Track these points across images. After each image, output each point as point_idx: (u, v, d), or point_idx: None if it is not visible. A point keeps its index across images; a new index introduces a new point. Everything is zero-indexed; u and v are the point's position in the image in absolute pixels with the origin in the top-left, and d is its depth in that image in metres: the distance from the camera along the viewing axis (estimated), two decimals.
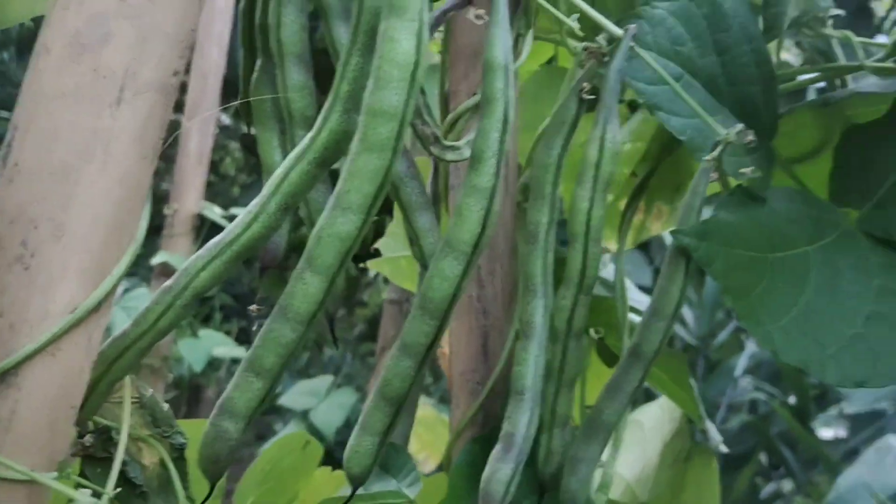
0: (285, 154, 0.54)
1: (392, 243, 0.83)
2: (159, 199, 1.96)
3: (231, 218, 1.94)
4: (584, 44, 0.52)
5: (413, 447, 2.13)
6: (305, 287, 0.41)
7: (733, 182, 0.55)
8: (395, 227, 0.85)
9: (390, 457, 0.61)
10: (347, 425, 2.31)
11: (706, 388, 2.58)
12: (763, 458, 2.73)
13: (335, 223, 0.40)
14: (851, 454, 2.68)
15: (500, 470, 0.48)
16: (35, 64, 0.38)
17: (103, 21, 0.38)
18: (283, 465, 0.74)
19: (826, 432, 2.95)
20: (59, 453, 0.39)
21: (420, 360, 0.45)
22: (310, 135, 0.44)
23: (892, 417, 2.64)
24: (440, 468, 0.75)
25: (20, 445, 0.37)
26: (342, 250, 0.40)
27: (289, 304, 0.42)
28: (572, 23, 0.49)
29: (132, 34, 0.39)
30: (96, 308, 0.39)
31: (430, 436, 2.03)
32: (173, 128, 0.42)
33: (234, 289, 3.32)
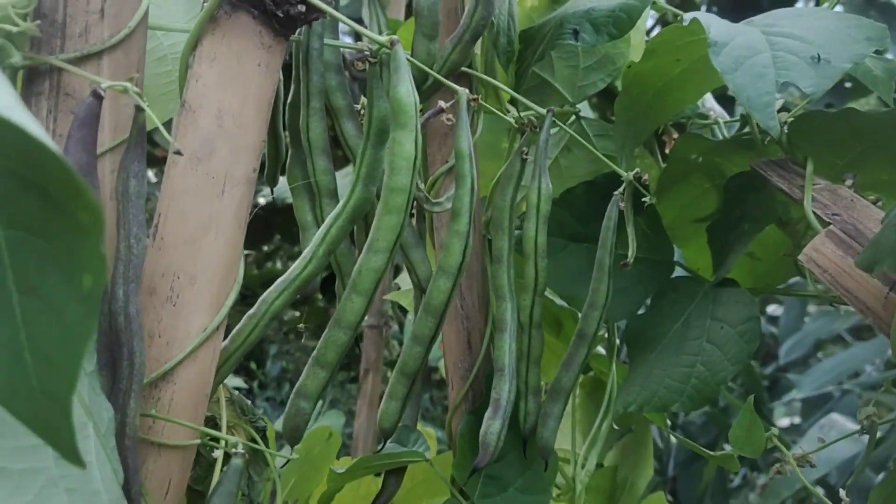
0: (315, 215, 0.75)
1: (406, 278, 1.05)
2: None
3: None
4: (519, 118, 0.74)
5: None
6: (353, 305, 0.62)
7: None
8: None
9: (403, 434, 0.82)
10: (342, 445, 2.48)
11: None
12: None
13: (370, 260, 0.61)
14: (804, 436, 2.91)
15: (493, 425, 0.69)
16: (168, 171, 0.59)
17: (210, 142, 0.59)
18: (314, 453, 0.94)
19: (784, 421, 3.18)
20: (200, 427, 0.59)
21: (426, 347, 0.66)
22: (342, 202, 0.66)
23: (839, 399, 2.86)
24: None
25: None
26: (376, 278, 0.61)
27: (341, 316, 0.63)
28: (511, 108, 0.72)
29: (228, 149, 0.59)
30: (217, 329, 0.59)
31: None
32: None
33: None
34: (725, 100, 1.71)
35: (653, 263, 0.88)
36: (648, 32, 1.58)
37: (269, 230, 3.66)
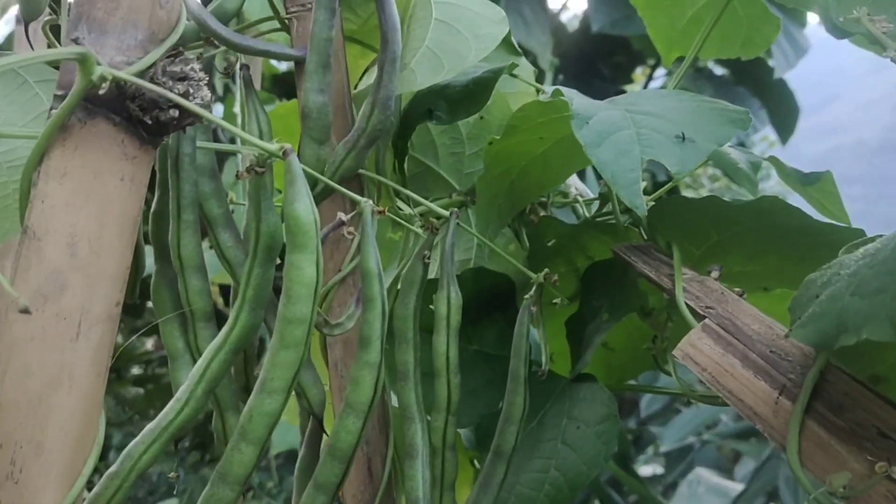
0: (186, 342, 0.65)
1: None
2: None
3: None
4: (426, 219, 0.68)
5: None
6: (242, 456, 0.52)
7: None
8: None
9: None
10: None
11: None
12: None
13: (263, 404, 0.51)
14: (670, 487, 2.99)
15: None
16: (5, 316, 0.47)
17: (60, 275, 0.48)
18: None
19: (646, 469, 3.25)
20: None
21: (332, 494, 0.57)
22: (224, 330, 0.56)
23: (700, 450, 2.96)
24: None
25: None
26: (270, 423, 0.52)
27: (227, 470, 0.52)
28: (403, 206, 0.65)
29: (83, 282, 0.49)
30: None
31: None
32: None
33: None
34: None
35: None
36: None
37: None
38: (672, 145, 0.59)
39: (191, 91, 0.52)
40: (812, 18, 3.03)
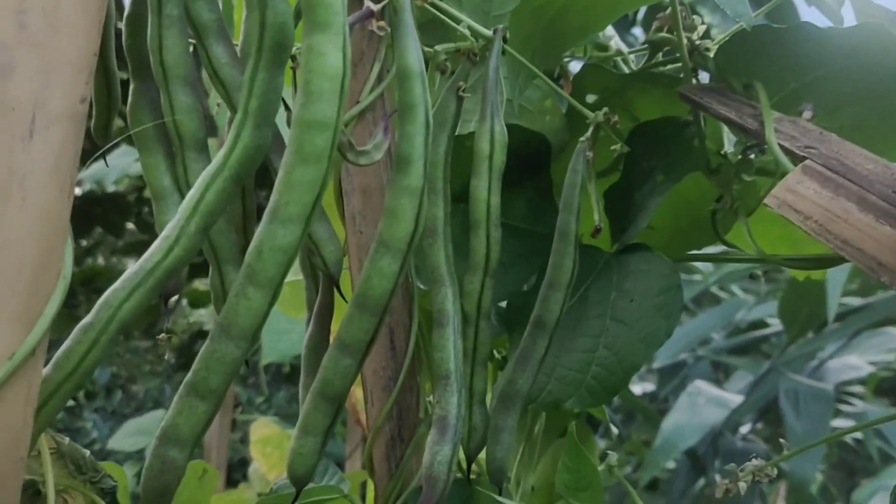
0: (174, 177, 0.53)
1: None
2: None
3: None
4: (448, 46, 0.56)
5: (262, 467, 2.08)
6: (249, 303, 0.41)
7: None
8: None
9: None
10: None
11: None
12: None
13: (276, 236, 0.40)
14: (663, 403, 2.96)
15: (440, 452, 0.51)
16: None
17: (3, 52, 0.36)
18: (182, 498, 0.72)
19: (637, 388, 3.22)
20: None
21: (360, 358, 0.46)
22: (222, 152, 0.45)
23: (693, 366, 2.93)
24: None
25: None
26: (284, 262, 0.41)
27: (232, 321, 0.42)
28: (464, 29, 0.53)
29: (36, 65, 0.37)
30: (32, 352, 0.37)
31: (279, 453, 1.99)
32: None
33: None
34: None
35: (539, 236, 0.71)
36: None
37: (89, 221, 3.23)
38: None
39: None
40: None
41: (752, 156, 0.62)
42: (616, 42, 0.82)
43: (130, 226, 3.46)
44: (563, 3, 0.65)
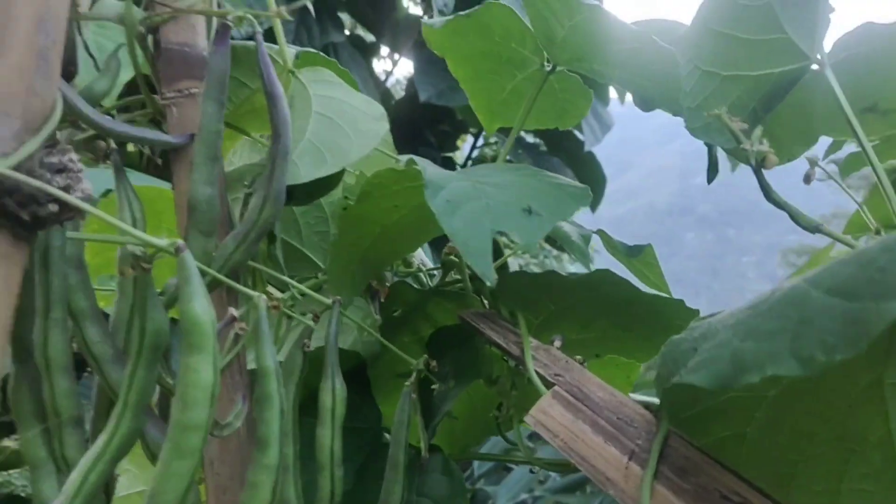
0: (50, 449, 0.59)
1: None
2: None
3: None
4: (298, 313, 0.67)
5: None
6: None
7: None
8: None
9: None
10: None
11: None
12: None
13: None
14: None
15: None
16: None
17: None
18: None
19: None
20: None
21: None
22: (103, 438, 0.52)
23: None
24: None
25: None
26: None
27: None
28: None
29: None
30: None
31: None
32: None
33: None
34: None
35: (359, 432, 0.82)
36: None
37: None
38: (520, 218, 0.60)
39: (71, 184, 0.49)
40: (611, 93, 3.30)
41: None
42: (419, 256, 0.96)
43: None
44: (378, 234, 0.76)
